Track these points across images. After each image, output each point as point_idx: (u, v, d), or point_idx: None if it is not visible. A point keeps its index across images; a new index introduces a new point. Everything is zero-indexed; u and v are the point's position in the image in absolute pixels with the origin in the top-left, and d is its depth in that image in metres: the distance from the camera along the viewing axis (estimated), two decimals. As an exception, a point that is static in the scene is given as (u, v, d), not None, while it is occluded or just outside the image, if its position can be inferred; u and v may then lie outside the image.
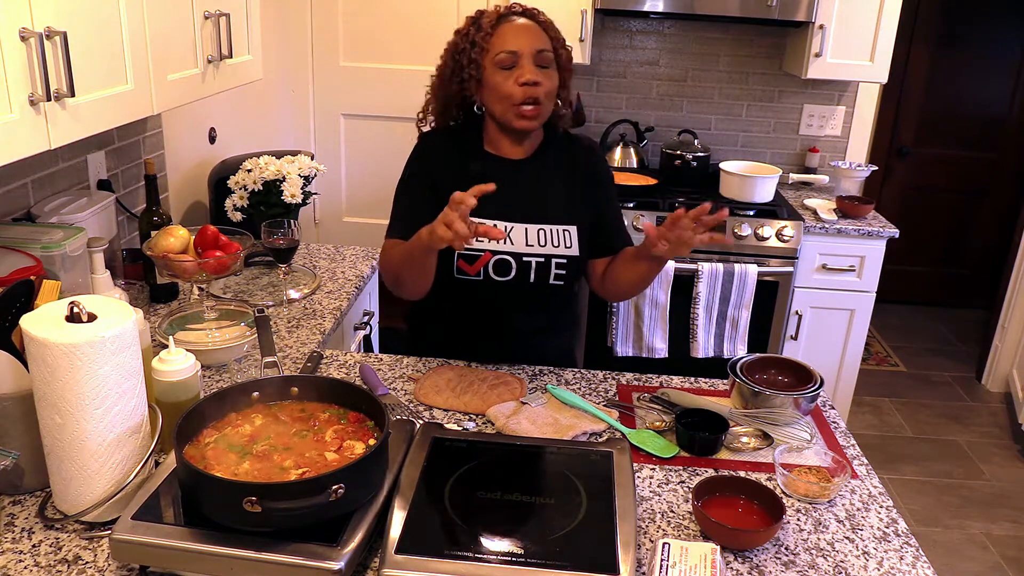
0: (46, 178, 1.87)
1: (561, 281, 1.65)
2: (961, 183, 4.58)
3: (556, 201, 1.66)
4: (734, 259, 2.83)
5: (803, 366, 1.57)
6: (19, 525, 1.14)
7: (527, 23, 1.59)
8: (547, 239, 1.63)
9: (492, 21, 1.58)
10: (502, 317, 1.68)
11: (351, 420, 1.22)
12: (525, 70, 1.55)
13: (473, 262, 1.62)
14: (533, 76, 1.55)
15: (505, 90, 1.56)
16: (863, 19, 2.94)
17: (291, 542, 1.01)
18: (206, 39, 1.86)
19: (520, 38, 1.56)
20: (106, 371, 1.07)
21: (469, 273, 1.62)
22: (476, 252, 1.61)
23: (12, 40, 1.19)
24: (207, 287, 1.82)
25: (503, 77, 1.56)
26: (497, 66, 1.56)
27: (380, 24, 3.35)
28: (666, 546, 1.07)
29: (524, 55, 1.55)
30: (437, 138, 1.70)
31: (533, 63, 1.56)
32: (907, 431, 3.55)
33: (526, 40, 1.56)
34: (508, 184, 1.62)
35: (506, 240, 1.61)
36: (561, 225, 1.64)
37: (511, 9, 1.62)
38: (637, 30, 3.40)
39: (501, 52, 1.56)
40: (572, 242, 1.64)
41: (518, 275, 1.62)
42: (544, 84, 1.56)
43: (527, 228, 1.62)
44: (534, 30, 1.58)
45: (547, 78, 1.57)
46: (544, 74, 1.57)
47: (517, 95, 1.55)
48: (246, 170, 2.13)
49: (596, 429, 1.44)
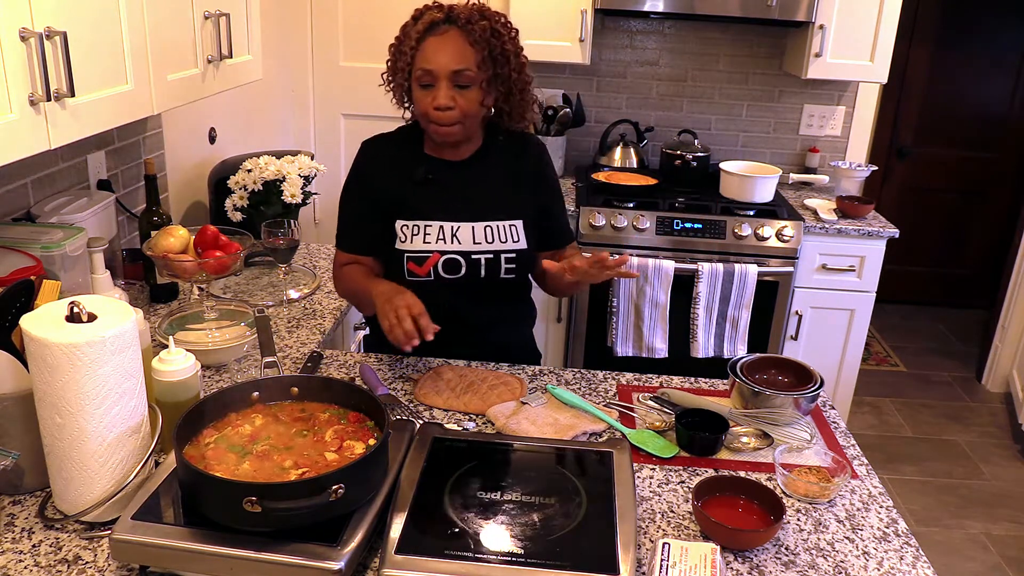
0: (46, 178, 1.87)
1: (512, 275, 1.67)
2: (961, 183, 4.58)
3: (500, 198, 1.67)
4: (734, 259, 2.83)
5: (803, 366, 1.57)
6: (19, 525, 1.14)
7: (453, 36, 1.53)
8: (494, 235, 1.65)
9: (420, 33, 1.54)
10: (458, 313, 1.68)
11: (351, 420, 1.22)
12: (439, 93, 1.52)
13: (423, 263, 1.64)
14: (445, 101, 1.52)
15: (421, 108, 1.56)
16: (863, 19, 2.94)
17: (291, 542, 1.01)
18: (206, 39, 1.86)
19: (439, 57, 1.52)
20: (106, 371, 1.07)
21: (419, 274, 1.64)
22: (424, 254, 1.63)
23: (12, 40, 1.19)
24: (207, 287, 1.82)
25: (422, 94, 1.55)
26: (417, 82, 1.55)
27: (380, 24, 3.34)
28: (666, 546, 1.07)
29: (440, 76, 1.52)
30: (378, 146, 1.71)
31: (449, 84, 1.52)
32: (907, 431, 3.55)
33: (445, 59, 1.52)
34: (452, 185, 1.66)
35: (454, 240, 1.63)
36: (507, 220, 1.66)
37: (449, 15, 1.55)
38: (637, 30, 3.40)
39: (420, 69, 1.53)
40: (519, 236, 1.66)
41: (468, 272, 1.64)
42: (459, 106, 1.53)
43: (473, 227, 1.64)
44: (458, 46, 1.52)
45: (464, 99, 1.54)
46: (461, 95, 1.53)
47: (431, 116, 1.55)
48: (246, 170, 2.13)
49: (596, 429, 1.44)
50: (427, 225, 1.64)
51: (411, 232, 1.64)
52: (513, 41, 1.59)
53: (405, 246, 1.64)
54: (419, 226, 1.64)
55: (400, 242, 1.64)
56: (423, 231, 1.64)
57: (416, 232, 1.64)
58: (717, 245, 2.86)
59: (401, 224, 1.64)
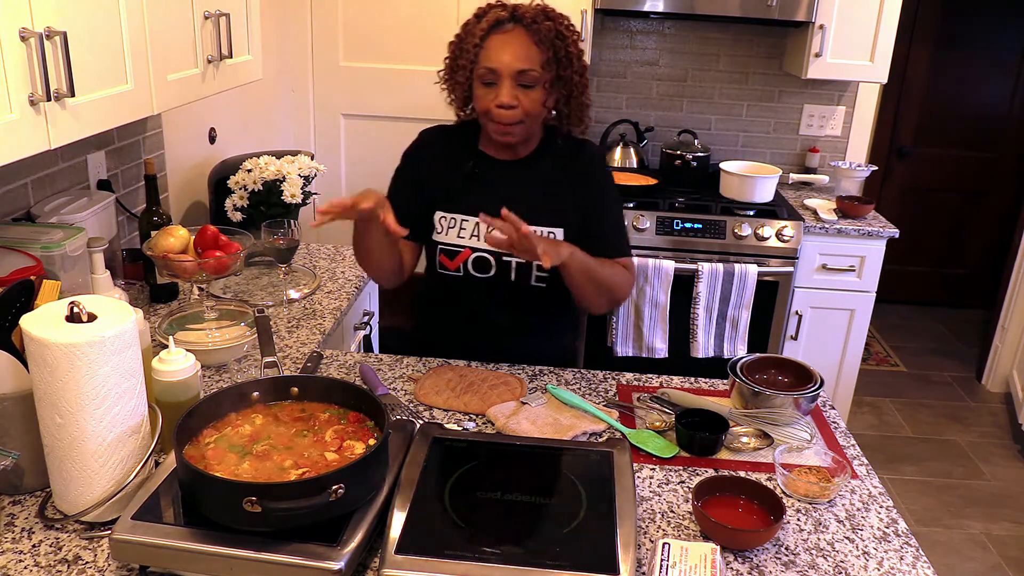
0: (46, 178, 1.87)
1: (544, 283, 1.64)
2: (961, 183, 4.58)
3: (544, 203, 1.64)
4: (734, 259, 2.83)
5: (803, 366, 1.57)
6: (19, 525, 1.14)
7: (518, 35, 1.52)
8: None
9: (484, 31, 1.53)
10: (488, 314, 1.68)
11: (351, 420, 1.22)
12: (502, 92, 1.51)
13: (454, 257, 1.64)
14: (508, 100, 1.51)
15: (483, 106, 1.55)
16: (863, 19, 2.94)
17: (291, 542, 1.01)
18: (206, 39, 1.86)
19: (503, 56, 1.51)
20: (106, 371, 1.07)
21: (450, 268, 1.65)
22: (456, 248, 1.63)
23: (12, 40, 1.19)
24: (207, 287, 1.82)
25: (484, 92, 1.55)
26: (480, 80, 1.54)
27: (380, 24, 3.35)
28: (666, 546, 1.07)
29: (504, 75, 1.51)
30: (434, 135, 1.71)
31: (513, 83, 1.51)
32: (907, 431, 3.55)
33: (509, 58, 1.50)
34: (497, 184, 1.64)
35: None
36: (547, 227, 1.62)
37: (515, 14, 1.54)
38: (637, 30, 3.40)
39: (483, 67, 1.52)
40: None
41: (498, 273, 1.63)
42: (522, 106, 1.52)
43: None
44: (523, 45, 1.51)
45: (528, 99, 1.52)
46: (525, 95, 1.52)
47: (493, 115, 1.54)
48: (246, 170, 2.13)
49: (596, 429, 1.44)
50: (464, 220, 1.63)
51: (447, 224, 1.64)
52: (575, 44, 1.57)
53: (440, 238, 1.65)
54: (456, 219, 1.63)
55: (436, 233, 1.65)
56: (459, 225, 1.63)
57: (452, 225, 1.64)
58: (717, 245, 2.86)
59: (440, 215, 1.65)
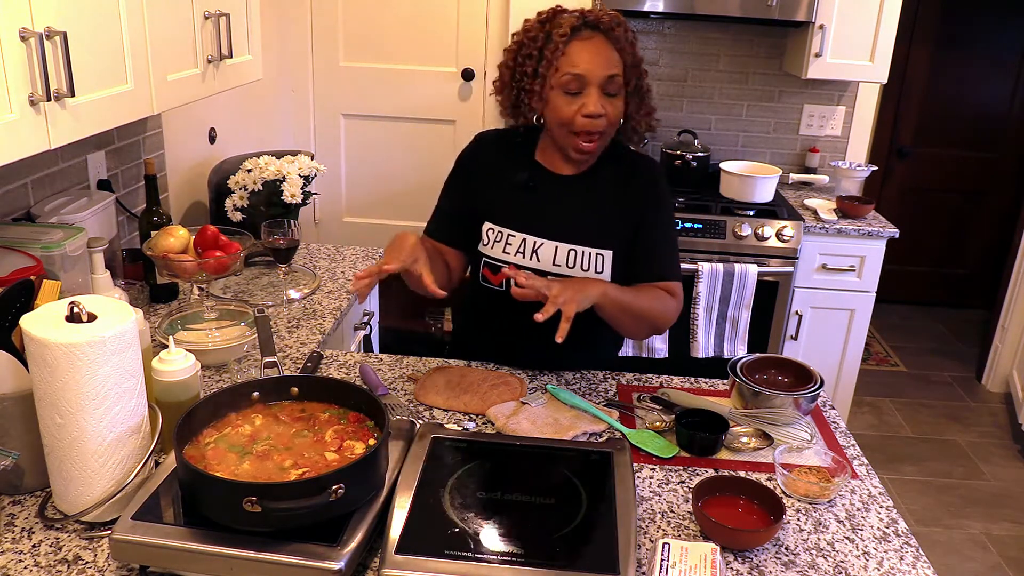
0: (46, 178, 1.87)
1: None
2: (961, 183, 4.58)
3: (597, 223, 1.57)
4: (734, 259, 2.83)
5: (803, 366, 1.57)
6: (19, 525, 1.14)
7: (600, 43, 1.45)
8: (577, 261, 1.56)
9: (565, 35, 1.45)
10: (530, 328, 1.62)
11: (351, 420, 1.22)
12: (590, 100, 1.44)
13: (496, 272, 1.60)
14: (597, 108, 1.44)
15: (566, 115, 1.47)
16: (863, 19, 2.94)
17: (291, 542, 1.01)
18: (206, 39, 1.86)
19: (591, 62, 1.44)
20: (106, 371, 1.07)
21: (493, 283, 1.61)
22: (500, 263, 1.58)
23: (12, 40, 1.19)
24: (207, 287, 1.82)
25: (566, 101, 1.46)
26: (561, 88, 1.46)
27: (380, 24, 3.35)
28: (666, 546, 1.07)
29: (591, 82, 1.44)
30: (489, 141, 1.65)
31: (600, 91, 1.45)
32: (907, 431, 3.55)
33: (596, 65, 1.43)
34: (550, 199, 1.58)
35: (533, 256, 1.57)
36: (596, 248, 1.56)
37: (588, 20, 1.47)
38: (637, 30, 3.39)
39: (568, 74, 1.44)
40: (604, 267, 1.57)
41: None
42: (609, 115, 1.47)
43: (557, 247, 1.56)
44: (607, 52, 1.45)
45: (613, 107, 1.47)
46: (610, 103, 1.47)
47: (578, 124, 1.46)
48: (246, 170, 2.13)
49: (596, 429, 1.44)
50: (510, 235, 1.57)
51: (494, 237, 1.59)
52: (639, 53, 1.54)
53: (486, 250, 1.60)
54: (503, 233, 1.58)
55: (483, 245, 1.61)
56: (505, 239, 1.58)
57: (499, 239, 1.59)
58: (717, 245, 2.86)
59: (488, 227, 1.60)
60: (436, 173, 3.75)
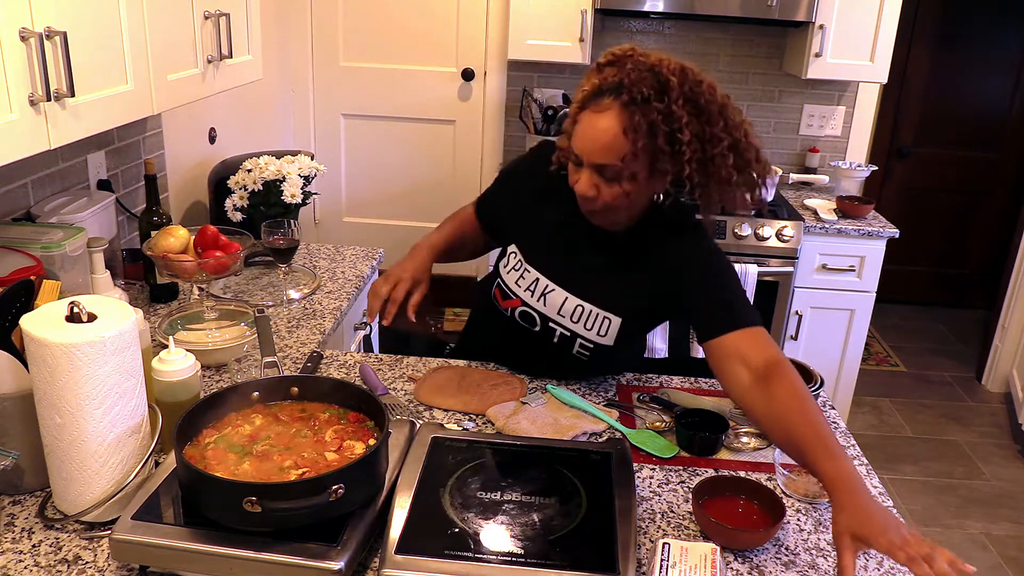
0: (46, 178, 1.87)
1: (585, 358, 1.53)
2: (961, 183, 4.58)
3: (613, 286, 1.49)
4: (734, 259, 2.82)
5: (803, 366, 1.56)
6: (19, 525, 1.14)
7: (608, 119, 1.30)
8: (582, 317, 1.49)
9: (582, 100, 1.35)
10: (533, 358, 1.62)
11: (351, 420, 1.22)
12: (581, 178, 1.37)
13: (506, 299, 1.57)
14: (583, 190, 1.36)
15: (571, 179, 1.41)
16: (863, 19, 2.94)
17: (291, 542, 1.01)
18: (206, 39, 1.86)
19: (587, 143, 1.34)
20: (106, 371, 1.07)
21: (501, 306, 1.59)
22: (510, 292, 1.56)
23: (12, 40, 1.19)
24: (207, 287, 1.82)
25: (572, 168, 1.40)
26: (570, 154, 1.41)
27: (380, 24, 3.35)
28: (666, 546, 1.07)
29: (586, 163, 1.36)
30: (546, 159, 1.53)
31: (594, 174, 1.35)
32: (907, 431, 3.55)
33: (592, 149, 1.33)
34: (576, 245, 1.52)
35: (542, 299, 1.52)
36: (606, 311, 1.48)
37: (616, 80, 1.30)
38: (637, 30, 3.40)
39: (572, 145, 1.38)
40: (609, 332, 1.48)
41: (542, 332, 1.53)
42: (601, 196, 1.36)
43: (567, 297, 1.50)
44: (609, 133, 1.30)
45: (609, 191, 1.35)
46: (606, 186, 1.35)
47: (577, 193, 1.40)
48: (246, 170, 2.13)
49: (596, 429, 1.44)
50: (527, 270, 1.53)
51: (513, 263, 1.56)
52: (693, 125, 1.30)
53: (502, 271, 1.58)
54: (521, 264, 1.54)
55: (503, 264, 1.59)
56: (522, 271, 1.54)
57: (517, 267, 1.55)
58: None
59: (512, 250, 1.57)
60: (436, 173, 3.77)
